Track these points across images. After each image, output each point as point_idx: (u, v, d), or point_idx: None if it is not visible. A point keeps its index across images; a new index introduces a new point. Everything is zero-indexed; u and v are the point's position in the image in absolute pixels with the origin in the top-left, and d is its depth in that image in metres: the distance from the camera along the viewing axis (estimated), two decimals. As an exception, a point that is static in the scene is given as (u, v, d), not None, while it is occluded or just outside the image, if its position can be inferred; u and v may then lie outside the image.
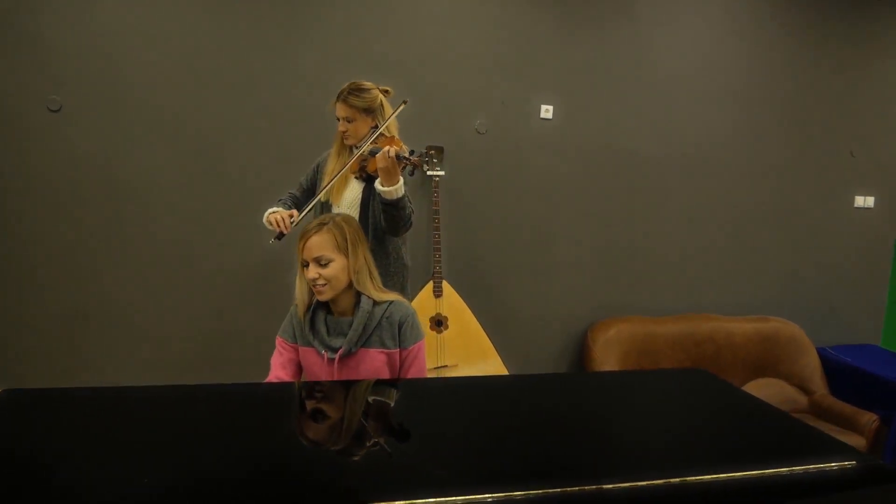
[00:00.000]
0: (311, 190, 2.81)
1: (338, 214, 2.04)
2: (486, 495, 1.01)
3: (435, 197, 3.41)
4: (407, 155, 2.31)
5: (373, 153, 2.48)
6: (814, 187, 4.23)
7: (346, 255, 1.92)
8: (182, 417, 1.38)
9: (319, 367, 1.94)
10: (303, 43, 3.38)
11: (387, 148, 2.32)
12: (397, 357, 1.97)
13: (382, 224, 2.54)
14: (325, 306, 1.99)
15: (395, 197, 2.37)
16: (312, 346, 1.95)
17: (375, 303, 1.96)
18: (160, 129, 3.28)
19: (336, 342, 1.93)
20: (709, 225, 4.08)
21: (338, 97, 2.63)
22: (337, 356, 1.90)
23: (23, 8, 3.06)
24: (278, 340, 2.03)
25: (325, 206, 2.71)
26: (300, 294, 1.99)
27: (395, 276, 2.71)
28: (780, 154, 4.13)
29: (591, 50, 3.75)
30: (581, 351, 3.88)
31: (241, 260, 3.45)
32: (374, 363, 1.93)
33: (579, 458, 1.25)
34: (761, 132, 4.08)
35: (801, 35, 4.06)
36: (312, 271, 1.89)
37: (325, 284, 1.89)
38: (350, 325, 1.93)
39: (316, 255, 1.89)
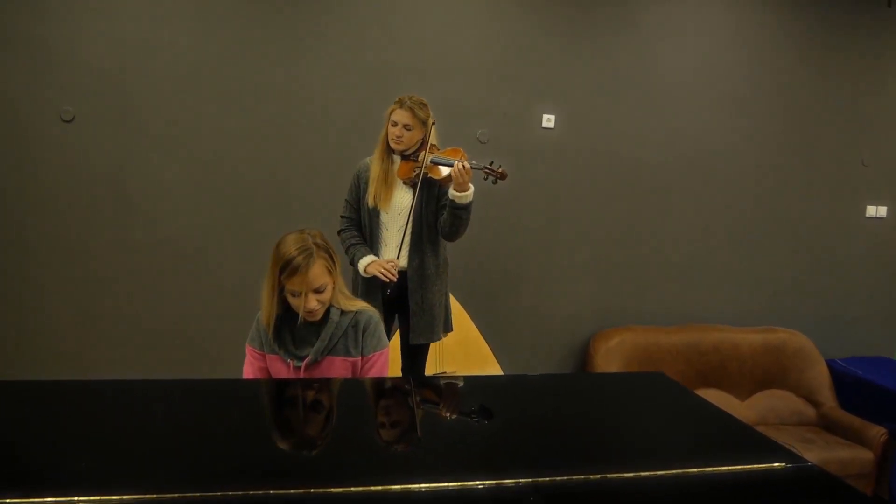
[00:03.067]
0: (358, 203, 2.88)
1: (307, 233, 1.96)
2: (419, 485, 1.05)
3: (435, 205, 3.45)
4: (491, 167, 2.65)
5: (436, 162, 2.67)
6: (824, 196, 4.17)
7: (334, 275, 1.94)
8: (151, 411, 1.42)
9: (286, 375, 1.95)
10: (309, 53, 3.46)
11: (460, 161, 2.56)
12: (358, 365, 1.97)
13: (444, 228, 2.75)
14: (292, 315, 1.98)
15: (467, 202, 2.66)
16: (277, 354, 1.96)
17: (343, 312, 1.96)
18: (170, 139, 3.38)
19: (301, 351, 1.94)
20: (715, 234, 4.05)
21: (401, 105, 2.72)
22: (303, 365, 1.91)
23: (39, 21, 3.19)
24: (248, 349, 2.03)
25: (374, 212, 2.79)
26: (268, 306, 1.94)
27: (443, 275, 2.90)
28: (789, 162, 4.09)
29: (592, 59, 3.76)
30: (583, 360, 3.87)
31: (248, 266, 3.51)
32: (338, 371, 1.94)
33: (532, 453, 1.27)
34: (769, 140, 4.05)
35: (809, 42, 4.02)
36: (312, 301, 1.86)
37: (320, 307, 1.90)
38: (315, 333, 1.94)
39: (316, 286, 1.87)
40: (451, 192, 2.65)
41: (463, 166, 2.56)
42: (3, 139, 3.23)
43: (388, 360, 2.02)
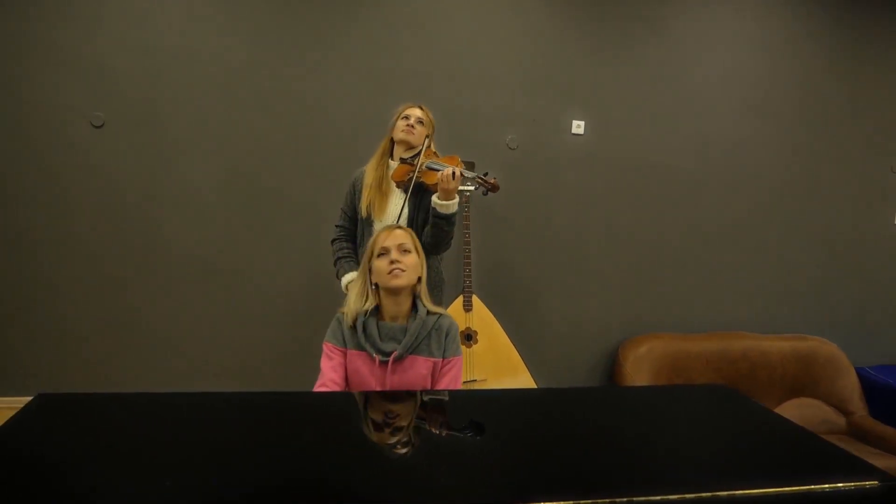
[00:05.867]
0: (354, 212, 2.77)
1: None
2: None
3: (465, 212, 3.43)
4: (483, 178, 2.47)
5: (432, 168, 2.55)
6: (853, 204, 4.14)
7: (419, 255, 2.08)
8: (217, 425, 1.40)
9: (368, 371, 1.98)
10: (338, 60, 3.44)
11: (451, 169, 2.42)
12: (438, 366, 2.01)
13: (427, 239, 2.61)
14: (376, 313, 2.05)
15: (450, 212, 2.51)
16: (363, 350, 1.99)
17: (429, 312, 2.05)
18: (199, 146, 3.37)
19: (387, 346, 1.99)
20: (744, 241, 4.02)
21: (410, 105, 2.74)
22: (391, 359, 1.95)
23: (70, 27, 3.18)
24: (327, 346, 2.07)
25: (367, 221, 2.67)
26: (354, 300, 2.06)
27: (434, 290, 2.75)
28: (818, 170, 4.06)
29: (622, 66, 3.74)
30: (612, 367, 3.84)
31: (276, 273, 3.50)
32: (420, 370, 1.98)
33: (603, 471, 1.24)
34: (798, 148, 4.02)
35: (837, 50, 3.99)
36: (395, 254, 1.99)
37: (405, 271, 1.99)
38: (402, 331, 2.01)
39: (400, 241, 2.03)
40: (434, 200, 2.52)
41: (452, 173, 2.43)
42: (33, 144, 3.22)
43: (462, 368, 2.06)
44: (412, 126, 2.66)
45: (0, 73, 3.16)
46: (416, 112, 2.69)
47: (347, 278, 2.66)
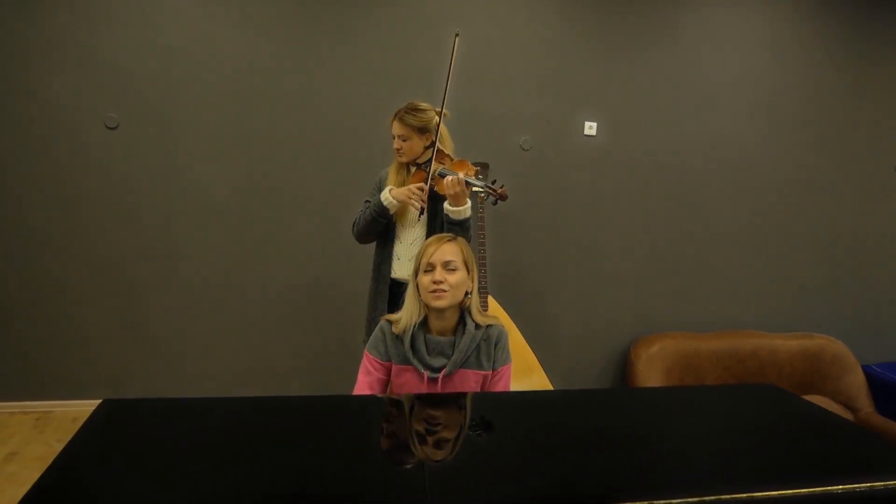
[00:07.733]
0: None
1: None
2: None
3: (480, 213, 3.43)
4: (492, 187, 2.37)
5: (442, 175, 2.47)
6: (859, 202, 4.19)
7: (468, 271, 1.96)
8: (290, 429, 1.40)
9: (416, 387, 1.91)
10: (352, 64, 3.44)
11: (455, 175, 2.36)
12: (488, 378, 1.95)
13: None
14: (424, 325, 1.97)
15: (462, 217, 2.45)
16: (410, 365, 1.91)
17: (477, 325, 1.96)
18: (213, 147, 3.35)
19: (435, 361, 1.91)
20: (752, 240, 4.06)
21: (395, 115, 2.60)
22: (440, 376, 1.88)
23: (85, 29, 3.15)
24: (368, 357, 1.98)
25: (388, 226, 2.61)
26: (408, 310, 1.95)
27: None
28: (825, 169, 4.11)
29: (633, 67, 3.77)
30: (624, 366, 3.87)
31: (290, 276, 3.49)
32: (469, 384, 1.91)
33: (649, 473, 1.25)
34: (805, 147, 4.07)
35: (844, 51, 4.05)
36: (439, 274, 1.88)
37: (448, 291, 1.88)
38: (450, 345, 1.92)
39: (447, 258, 1.91)
40: (446, 206, 2.45)
41: (457, 178, 2.36)
42: (48, 146, 3.19)
43: (510, 375, 2.00)
44: (399, 149, 2.59)
45: (14, 74, 3.12)
46: (396, 129, 2.58)
47: (385, 191, 2.53)
